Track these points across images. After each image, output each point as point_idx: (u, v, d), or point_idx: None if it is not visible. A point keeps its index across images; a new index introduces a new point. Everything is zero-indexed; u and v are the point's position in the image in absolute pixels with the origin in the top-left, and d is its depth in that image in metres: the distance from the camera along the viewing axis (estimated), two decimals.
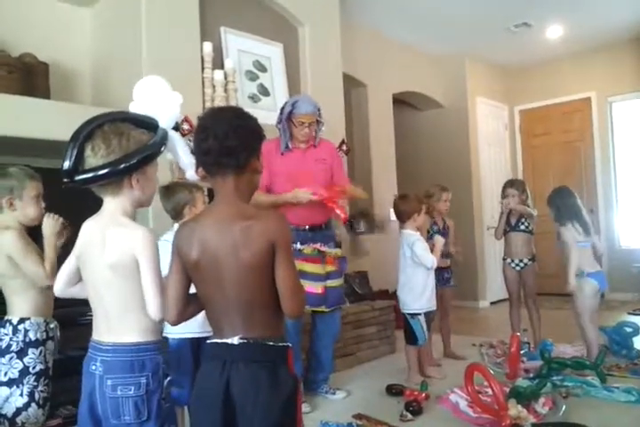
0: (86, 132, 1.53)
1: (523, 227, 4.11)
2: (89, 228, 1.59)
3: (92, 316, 1.59)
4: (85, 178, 1.52)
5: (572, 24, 5.80)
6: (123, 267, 1.50)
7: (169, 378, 1.57)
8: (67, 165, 1.52)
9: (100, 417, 1.51)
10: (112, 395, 1.47)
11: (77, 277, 1.65)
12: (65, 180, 1.53)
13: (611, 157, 6.65)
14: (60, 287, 1.68)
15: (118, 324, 1.53)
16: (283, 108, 3.17)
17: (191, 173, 1.86)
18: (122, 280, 1.51)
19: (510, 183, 4.26)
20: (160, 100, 1.76)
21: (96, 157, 1.50)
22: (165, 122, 1.72)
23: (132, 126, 1.59)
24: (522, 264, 4.10)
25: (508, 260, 4.17)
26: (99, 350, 1.52)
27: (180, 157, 1.83)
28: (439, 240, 3.49)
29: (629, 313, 5.45)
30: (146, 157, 1.56)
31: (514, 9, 5.36)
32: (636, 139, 6.54)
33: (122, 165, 1.50)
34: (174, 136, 1.77)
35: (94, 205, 1.60)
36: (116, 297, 1.52)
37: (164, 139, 1.66)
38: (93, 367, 1.51)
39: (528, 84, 7.15)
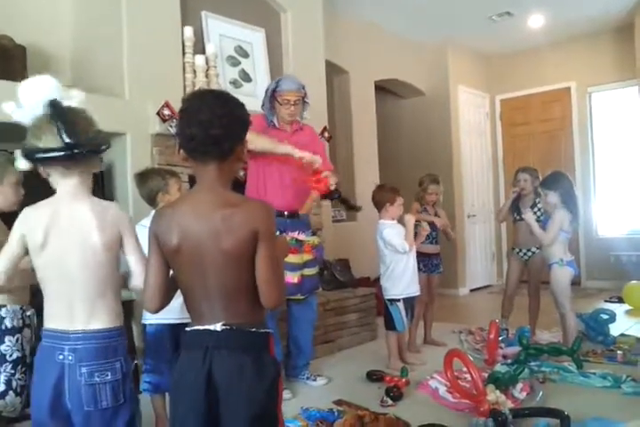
0: (59, 109, 1.51)
1: (534, 216, 4.04)
2: (55, 211, 1.53)
3: None
4: (92, 149, 1.55)
5: (553, 14, 5.81)
6: (112, 246, 1.54)
7: (135, 362, 1.63)
8: (67, 139, 1.47)
9: (66, 408, 1.50)
10: (89, 382, 1.48)
11: (16, 269, 1.57)
12: (71, 152, 1.48)
13: (589, 146, 6.72)
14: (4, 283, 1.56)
15: (86, 310, 1.51)
16: (267, 89, 3.16)
17: None
18: (104, 261, 1.53)
19: (523, 169, 4.23)
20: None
21: (87, 132, 1.54)
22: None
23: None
24: (530, 253, 4.07)
25: (517, 249, 4.13)
26: (64, 339, 1.50)
27: None
28: (409, 220, 3.45)
29: (606, 301, 5.54)
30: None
31: None
32: (614, 129, 6.60)
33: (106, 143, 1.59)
34: None
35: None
36: (91, 281, 1.51)
37: None
38: (61, 357, 1.49)
39: (509, 73, 7.17)
